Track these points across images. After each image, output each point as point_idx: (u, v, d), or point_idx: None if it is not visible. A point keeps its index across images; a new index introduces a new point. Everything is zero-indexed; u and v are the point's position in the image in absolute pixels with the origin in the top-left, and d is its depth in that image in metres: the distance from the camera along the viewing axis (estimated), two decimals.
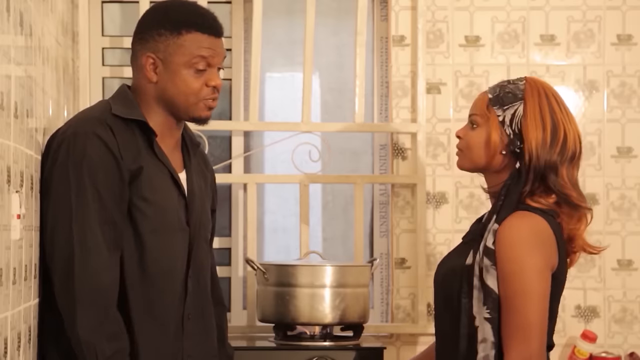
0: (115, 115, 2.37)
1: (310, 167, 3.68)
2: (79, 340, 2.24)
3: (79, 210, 2.28)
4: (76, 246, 2.26)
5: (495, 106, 2.42)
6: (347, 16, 3.87)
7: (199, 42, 2.41)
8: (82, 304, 2.25)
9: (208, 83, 2.42)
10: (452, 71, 3.75)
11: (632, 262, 3.74)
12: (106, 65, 3.79)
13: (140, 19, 2.51)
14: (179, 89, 2.41)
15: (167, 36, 2.40)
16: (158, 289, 2.37)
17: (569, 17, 3.77)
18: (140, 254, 2.35)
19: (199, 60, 2.40)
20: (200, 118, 2.45)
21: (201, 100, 2.42)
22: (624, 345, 3.73)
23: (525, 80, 2.45)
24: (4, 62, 1.93)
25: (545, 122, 2.38)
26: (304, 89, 3.66)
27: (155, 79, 2.42)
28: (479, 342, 2.29)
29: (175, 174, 2.44)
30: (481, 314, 2.30)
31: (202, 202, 2.53)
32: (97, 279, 2.27)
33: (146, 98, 2.44)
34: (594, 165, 3.75)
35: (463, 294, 2.33)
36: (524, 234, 2.32)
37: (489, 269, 2.30)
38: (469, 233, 2.51)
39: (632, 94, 3.76)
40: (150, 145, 2.40)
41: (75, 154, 2.30)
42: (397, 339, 3.70)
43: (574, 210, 2.39)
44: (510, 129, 2.39)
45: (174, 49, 2.40)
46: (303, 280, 3.23)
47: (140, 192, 2.35)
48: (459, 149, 2.48)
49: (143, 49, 2.43)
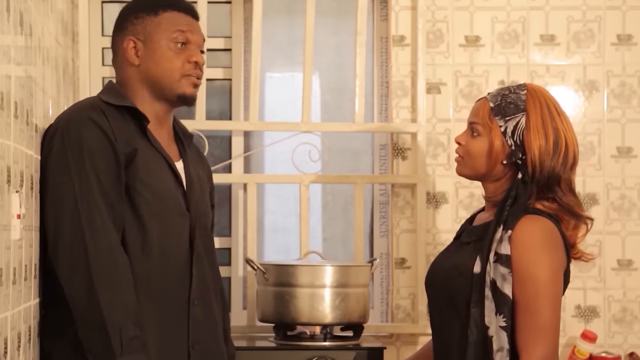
0: (107, 103, 2.39)
1: (310, 167, 3.68)
2: (102, 321, 2.22)
3: (83, 193, 2.29)
4: (85, 228, 2.27)
5: (498, 116, 2.42)
6: (347, 16, 3.87)
7: (176, 19, 2.48)
8: (101, 284, 2.24)
9: (190, 59, 2.46)
10: (452, 71, 3.75)
11: (632, 262, 3.74)
12: (106, 65, 3.79)
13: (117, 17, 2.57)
14: (162, 67, 2.45)
15: (145, 17, 2.47)
16: (161, 273, 2.38)
17: (569, 17, 3.77)
18: (143, 237, 2.36)
19: (178, 34, 2.46)
20: (185, 95, 2.47)
21: (184, 76, 2.46)
22: (624, 345, 3.72)
23: (526, 88, 2.45)
24: (4, 62, 1.93)
25: (548, 134, 2.39)
26: (304, 89, 3.66)
27: (137, 61, 2.46)
28: (495, 352, 2.29)
29: (170, 161, 2.46)
30: (496, 323, 2.30)
31: (202, 190, 2.54)
32: (112, 259, 2.27)
33: (132, 85, 2.47)
34: (594, 165, 3.75)
35: (473, 303, 2.33)
36: (538, 237, 2.34)
37: (506, 276, 2.30)
38: (465, 233, 2.50)
39: (632, 94, 3.76)
40: (143, 132, 2.42)
41: (71, 140, 2.31)
42: (397, 339, 3.70)
43: (575, 219, 2.41)
44: (512, 140, 2.40)
45: (153, 27, 2.46)
46: (303, 280, 3.23)
47: (138, 176, 2.36)
48: (459, 155, 2.49)
49: (122, 36, 2.49)
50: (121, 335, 2.22)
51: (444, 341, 2.44)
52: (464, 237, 2.50)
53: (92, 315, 2.23)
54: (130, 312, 2.26)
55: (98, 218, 2.28)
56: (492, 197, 2.46)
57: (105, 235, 2.28)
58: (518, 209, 2.37)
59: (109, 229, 2.29)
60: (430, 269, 2.55)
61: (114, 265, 2.27)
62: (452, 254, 2.49)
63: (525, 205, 2.37)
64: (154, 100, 2.47)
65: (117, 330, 2.22)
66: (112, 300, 2.24)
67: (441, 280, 2.46)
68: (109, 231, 2.29)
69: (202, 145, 3.58)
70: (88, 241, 2.26)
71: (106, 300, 2.23)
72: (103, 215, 2.29)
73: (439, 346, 2.47)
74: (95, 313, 2.23)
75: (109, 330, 2.22)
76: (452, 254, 2.49)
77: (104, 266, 2.26)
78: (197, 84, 2.49)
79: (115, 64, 2.53)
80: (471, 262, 2.36)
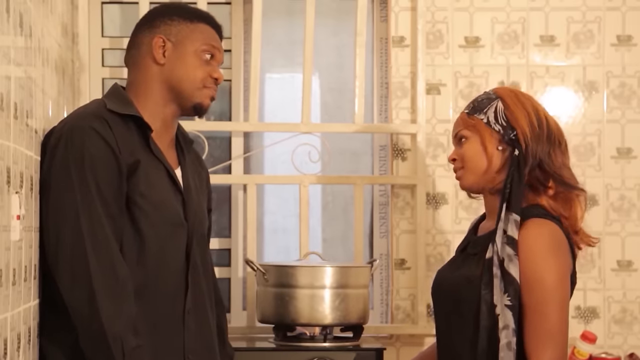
0: (111, 111, 2.39)
1: (310, 167, 3.68)
2: (103, 333, 2.22)
3: (84, 204, 2.28)
4: (87, 240, 2.26)
5: (476, 113, 2.49)
6: (347, 17, 3.87)
7: (209, 32, 2.51)
8: (102, 296, 2.23)
9: (212, 74, 2.49)
10: (451, 72, 3.75)
11: (631, 262, 3.74)
12: (106, 66, 3.79)
13: (146, 14, 2.57)
14: (187, 72, 2.46)
15: (181, 21, 2.49)
16: (156, 283, 2.37)
17: (569, 17, 3.77)
18: (140, 249, 2.35)
19: (208, 47, 2.49)
20: (201, 105, 2.49)
21: (205, 87, 2.48)
22: (624, 346, 3.72)
23: (493, 89, 2.54)
24: (4, 62, 1.93)
25: (527, 109, 2.46)
26: (304, 90, 3.66)
27: (163, 61, 2.47)
28: (501, 329, 2.30)
29: (171, 170, 2.46)
30: (502, 301, 2.31)
31: (198, 198, 2.54)
32: (113, 271, 2.27)
33: (149, 84, 2.46)
34: (593, 166, 3.75)
35: (483, 286, 2.34)
36: (544, 241, 2.35)
37: (512, 258, 2.32)
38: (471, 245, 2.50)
39: (631, 95, 3.76)
40: (146, 141, 2.42)
41: (74, 150, 2.30)
42: (396, 339, 3.70)
43: (568, 191, 2.43)
44: (498, 125, 2.45)
45: (187, 33, 2.48)
46: (303, 281, 3.23)
47: (137, 188, 2.36)
48: (458, 169, 2.51)
49: (151, 33, 2.48)
50: (123, 346, 2.22)
51: (449, 347, 2.44)
52: (470, 248, 2.50)
53: (93, 326, 2.23)
54: (131, 323, 2.26)
55: (99, 229, 2.28)
56: (495, 187, 2.46)
57: (106, 246, 2.28)
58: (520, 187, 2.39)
59: (110, 240, 2.29)
60: (436, 279, 2.55)
61: (115, 276, 2.27)
62: (459, 266, 2.48)
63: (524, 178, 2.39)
64: (167, 102, 2.47)
65: (119, 341, 2.22)
66: (113, 312, 2.24)
67: (449, 288, 2.46)
68: (110, 242, 2.29)
69: (202, 147, 3.58)
70: (89, 252, 2.26)
71: (107, 312, 2.23)
72: (104, 226, 2.28)
73: (444, 352, 2.47)
74: (96, 324, 2.22)
75: (110, 342, 2.22)
76: (460, 265, 2.48)
77: (105, 277, 2.25)
78: (214, 97, 2.51)
79: (133, 59, 2.50)
80: (480, 271, 2.37)
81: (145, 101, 2.45)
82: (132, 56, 2.51)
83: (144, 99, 2.46)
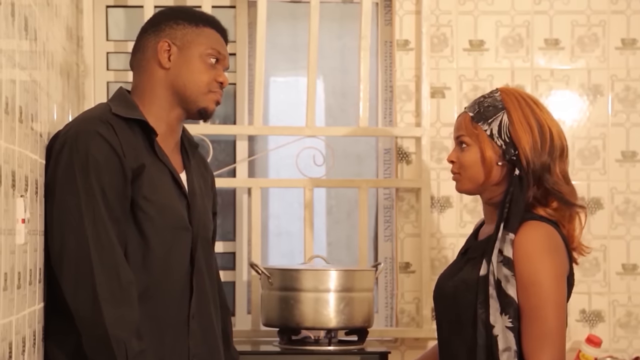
0: (116, 115, 2.39)
1: (314, 171, 3.68)
2: (106, 337, 2.21)
3: (89, 209, 2.28)
4: (91, 244, 2.26)
5: (480, 122, 2.45)
6: (351, 20, 3.87)
7: (215, 37, 2.50)
8: (106, 300, 2.23)
9: (217, 79, 2.48)
10: (456, 75, 3.75)
11: (636, 266, 3.74)
12: (110, 70, 3.80)
13: (151, 18, 2.57)
14: (192, 76, 2.45)
15: (186, 25, 2.48)
16: (161, 287, 2.37)
17: (573, 21, 3.77)
18: (144, 253, 2.35)
19: (214, 53, 2.47)
20: (206, 110, 2.48)
21: (210, 92, 2.47)
22: (629, 350, 3.72)
23: (499, 90, 2.49)
24: (9, 66, 1.93)
25: (532, 125, 2.42)
26: (308, 93, 3.67)
27: (168, 65, 2.45)
28: (502, 351, 2.29)
29: (176, 173, 2.45)
30: (502, 322, 2.30)
31: (203, 202, 2.54)
32: (117, 275, 2.26)
33: (154, 88, 2.45)
34: (598, 170, 3.74)
35: (479, 305, 2.33)
36: (539, 243, 2.34)
37: (510, 279, 2.31)
38: (472, 249, 2.50)
39: (636, 98, 3.76)
40: (151, 145, 2.41)
41: (79, 154, 2.30)
42: (401, 343, 3.70)
43: (567, 208, 2.42)
44: (500, 140, 2.42)
45: (193, 37, 2.47)
46: (307, 285, 3.23)
47: (142, 192, 2.35)
48: (455, 172, 2.50)
49: (157, 37, 2.47)
50: (127, 351, 2.22)
51: (451, 353, 2.44)
52: (470, 253, 2.49)
53: (97, 330, 2.23)
54: (135, 327, 2.26)
55: (103, 233, 2.28)
56: (493, 199, 2.46)
57: (110, 251, 2.28)
58: (519, 209, 2.37)
59: (114, 245, 2.28)
60: (437, 284, 2.55)
61: (119, 280, 2.27)
62: (459, 270, 2.48)
63: (525, 202, 2.38)
64: (172, 106, 2.46)
65: (123, 346, 2.22)
66: (117, 316, 2.23)
67: (449, 294, 2.45)
68: (114, 247, 2.28)
69: (207, 151, 3.58)
70: (93, 256, 2.25)
71: (111, 316, 2.23)
72: (108, 230, 2.28)
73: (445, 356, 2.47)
74: (100, 328, 2.22)
75: (113, 347, 2.21)
76: (460, 269, 2.48)
77: (109, 281, 2.25)
78: (219, 101, 2.50)
79: (138, 63, 2.50)
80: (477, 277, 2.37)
81: (151, 105, 2.45)
82: (137, 60, 2.50)
83: (149, 103, 2.45)
